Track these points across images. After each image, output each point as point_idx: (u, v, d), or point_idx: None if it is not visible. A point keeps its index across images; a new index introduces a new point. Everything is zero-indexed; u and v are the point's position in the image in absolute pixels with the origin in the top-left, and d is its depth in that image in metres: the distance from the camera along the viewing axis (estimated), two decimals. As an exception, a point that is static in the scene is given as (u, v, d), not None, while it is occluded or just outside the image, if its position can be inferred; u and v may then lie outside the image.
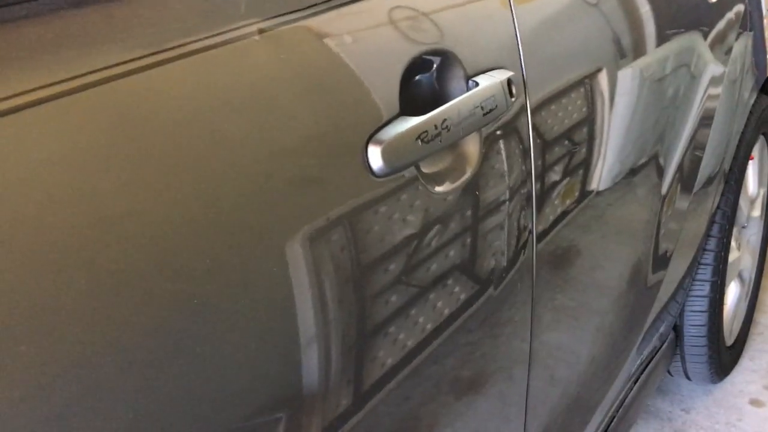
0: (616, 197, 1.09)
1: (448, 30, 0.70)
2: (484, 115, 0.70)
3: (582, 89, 0.94)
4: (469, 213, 0.71)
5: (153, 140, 0.45)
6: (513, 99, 0.75)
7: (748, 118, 1.70)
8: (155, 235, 0.44)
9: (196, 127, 0.48)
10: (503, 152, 0.76)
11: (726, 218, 1.61)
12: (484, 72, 0.74)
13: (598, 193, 1.02)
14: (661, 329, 1.49)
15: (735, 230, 1.76)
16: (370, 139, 0.59)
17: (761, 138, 1.85)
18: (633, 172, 1.13)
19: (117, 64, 0.45)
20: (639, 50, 1.12)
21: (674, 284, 1.46)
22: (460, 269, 0.72)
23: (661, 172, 1.26)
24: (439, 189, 0.67)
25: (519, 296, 0.84)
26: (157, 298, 0.44)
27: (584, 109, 0.95)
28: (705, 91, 1.41)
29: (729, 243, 1.65)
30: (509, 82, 0.75)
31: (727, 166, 1.58)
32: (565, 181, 0.91)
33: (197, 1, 0.51)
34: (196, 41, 0.49)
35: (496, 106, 0.72)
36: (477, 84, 0.71)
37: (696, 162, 1.43)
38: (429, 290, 0.67)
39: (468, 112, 0.68)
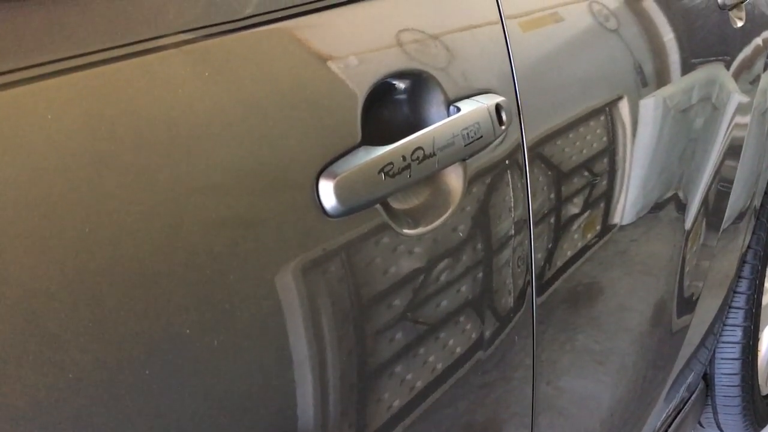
0: (630, 236, 0.99)
1: (425, 49, 0.62)
2: (467, 144, 0.61)
3: (592, 121, 0.85)
4: (449, 257, 0.62)
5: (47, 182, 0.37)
6: (503, 127, 0.66)
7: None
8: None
9: (96, 159, 0.40)
10: (493, 187, 0.67)
11: (758, 258, 1.49)
12: (469, 97, 0.65)
13: (609, 230, 0.92)
14: (690, 378, 1.37)
15: (768, 271, 1.64)
16: (321, 172, 0.51)
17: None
18: (650, 208, 1.03)
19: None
20: (658, 79, 1.03)
21: (703, 328, 1.34)
22: (439, 324, 0.62)
23: (683, 207, 1.15)
24: (410, 230, 0.58)
25: (518, 346, 0.74)
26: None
27: (594, 143, 0.86)
28: (731, 122, 1.30)
29: (762, 284, 1.53)
30: (498, 108, 0.66)
31: (758, 202, 1.47)
32: (569, 220, 0.81)
33: (120, 3, 0.43)
34: (100, 52, 0.41)
35: (481, 135, 0.63)
36: (459, 110, 0.62)
37: (723, 196, 1.32)
38: (399, 355, 0.58)
39: (445, 141, 0.59)
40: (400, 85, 0.60)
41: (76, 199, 0.39)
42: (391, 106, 0.60)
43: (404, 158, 0.55)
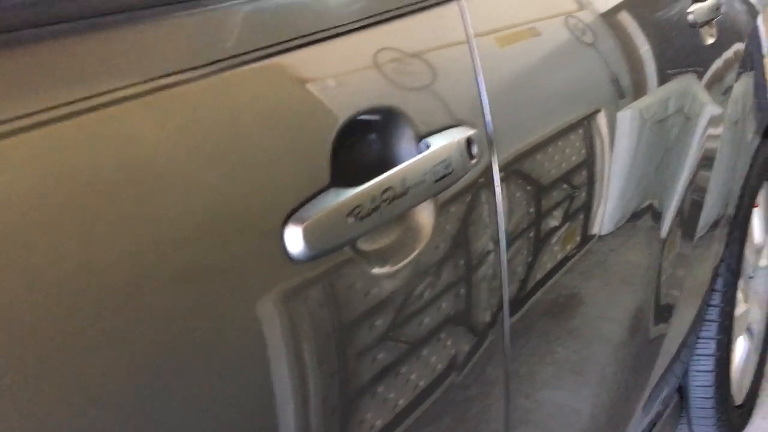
0: (608, 247, 0.99)
1: (394, 84, 0.61)
2: (437, 181, 0.61)
3: (566, 137, 0.85)
4: (420, 294, 0.61)
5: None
6: (474, 161, 0.66)
7: (752, 164, 1.60)
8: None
9: (52, 215, 0.38)
10: (465, 219, 0.66)
11: (731, 271, 1.50)
12: (440, 131, 0.64)
13: (587, 242, 0.92)
14: (666, 391, 1.38)
15: (741, 282, 1.65)
16: (288, 218, 0.50)
17: (766, 184, 1.74)
18: (627, 218, 1.03)
19: None
20: (634, 92, 1.03)
21: (679, 338, 1.35)
22: (413, 357, 0.62)
23: (658, 216, 1.16)
24: (380, 269, 0.57)
25: (491, 366, 0.73)
26: None
27: (568, 158, 0.85)
28: (704, 133, 1.31)
29: (735, 297, 1.54)
30: (469, 141, 0.65)
31: (731, 211, 1.48)
32: (544, 238, 0.81)
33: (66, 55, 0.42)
34: (54, 109, 0.40)
35: (452, 170, 0.62)
36: (429, 146, 0.61)
37: (697, 205, 1.33)
38: (375, 384, 0.57)
39: (416, 179, 0.58)
40: (370, 122, 0.59)
41: (27, 258, 0.37)
42: (361, 145, 0.59)
43: (374, 199, 0.54)
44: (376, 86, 0.59)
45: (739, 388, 1.72)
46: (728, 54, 1.47)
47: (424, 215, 0.61)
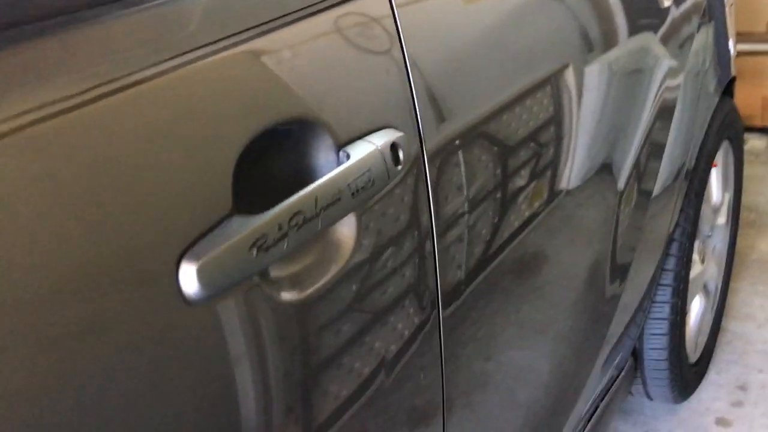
0: (569, 205, 0.96)
1: (307, 87, 0.56)
2: (356, 195, 0.57)
3: (513, 107, 0.81)
4: (342, 315, 0.58)
5: None
6: (400, 167, 0.62)
7: (710, 123, 1.58)
8: None
9: None
10: (391, 231, 0.63)
11: (686, 235, 1.49)
12: (365, 135, 0.60)
13: (526, 245, 0.89)
14: (622, 353, 1.38)
15: (698, 242, 1.64)
16: (183, 255, 0.46)
17: (725, 143, 1.72)
18: (580, 193, 1.01)
19: None
20: (581, 51, 0.99)
21: (637, 297, 1.34)
22: (341, 377, 0.59)
23: (615, 177, 1.13)
24: (291, 296, 0.54)
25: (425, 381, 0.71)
26: None
27: (515, 131, 0.82)
28: (661, 85, 1.28)
29: (689, 261, 1.54)
30: (394, 147, 0.61)
31: (690, 164, 1.46)
32: (480, 243, 0.78)
33: None
34: None
35: (373, 181, 0.59)
36: (348, 156, 0.57)
37: (657, 158, 1.30)
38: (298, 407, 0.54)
39: (330, 198, 0.55)
40: (280, 135, 0.54)
41: None
42: (271, 162, 0.54)
43: (280, 227, 0.50)
44: (285, 92, 0.54)
45: (694, 347, 1.73)
46: (688, 5, 1.42)
47: (343, 232, 0.58)
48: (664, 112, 1.32)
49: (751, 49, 2.95)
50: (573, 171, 0.98)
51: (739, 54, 3.04)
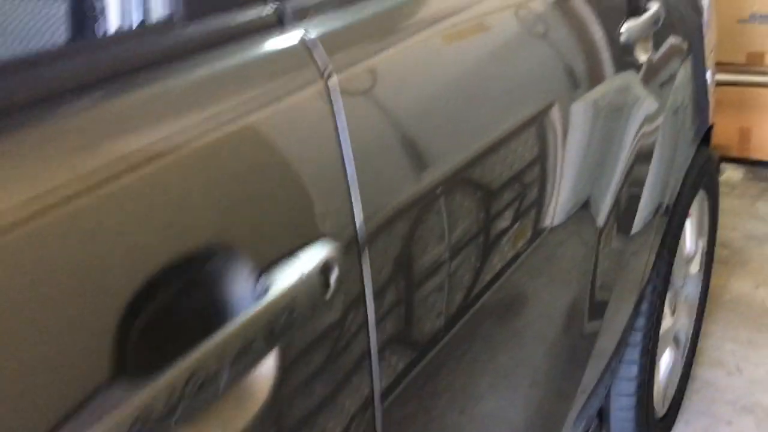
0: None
1: (215, 203, 0.48)
2: (274, 335, 0.49)
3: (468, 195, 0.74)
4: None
5: None
6: (330, 293, 0.54)
7: (687, 172, 1.52)
8: None
9: None
10: (319, 360, 0.55)
11: (657, 293, 1.43)
12: (289, 255, 0.52)
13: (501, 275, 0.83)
14: (591, 410, 1.32)
15: (670, 294, 1.58)
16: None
17: (700, 192, 1.67)
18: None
19: None
20: (562, 99, 0.92)
21: (613, 342, 1.28)
22: None
23: (594, 226, 1.06)
24: None
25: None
26: None
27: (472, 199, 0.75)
28: (642, 123, 1.22)
29: (660, 319, 1.48)
30: (325, 268, 0.53)
31: (670, 200, 1.42)
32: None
33: None
34: None
35: (295, 316, 0.51)
36: (266, 289, 0.49)
37: (636, 195, 1.24)
38: None
39: (240, 345, 0.46)
40: (178, 273, 0.46)
41: None
42: (168, 309, 0.46)
43: (170, 395, 0.42)
44: (184, 212, 0.46)
45: (662, 400, 1.67)
46: (672, 41, 1.36)
47: (257, 380, 0.50)
48: (643, 155, 1.26)
49: (731, 80, 2.91)
50: (545, 229, 0.93)
51: (719, 84, 3.00)
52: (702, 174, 1.61)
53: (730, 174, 3.06)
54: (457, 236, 0.72)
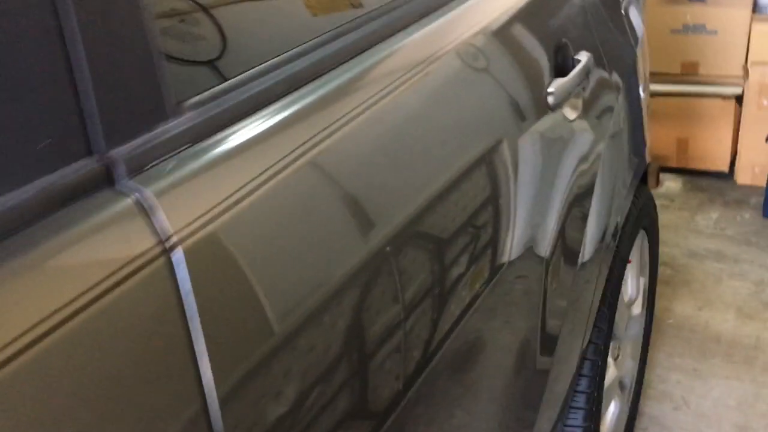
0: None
1: None
2: None
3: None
4: None
5: None
6: None
7: (626, 217, 1.43)
8: None
9: None
10: None
11: (599, 352, 1.34)
12: None
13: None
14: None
15: (612, 344, 1.50)
16: None
17: (641, 232, 1.59)
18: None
19: None
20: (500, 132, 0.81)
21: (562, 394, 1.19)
22: None
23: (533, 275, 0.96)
24: None
25: None
26: None
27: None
28: (581, 157, 1.13)
29: (603, 379, 1.39)
30: None
31: (620, 220, 1.34)
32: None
33: None
34: None
35: None
36: None
37: (581, 225, 1.15)
38: None
39: None
40: None
41: None
42: None
43: None
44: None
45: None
46: (601, 99, 1.27)
47: None
48: (581, 198, 1.17)
49: (666, 90, 2.87)
50: (488, 282, 0.86)
51: (654, 95, 2.95)
52: (642, 215, 1.53)
53: (670, 185, 3.03)
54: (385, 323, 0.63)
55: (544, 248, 1.03)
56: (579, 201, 1.16)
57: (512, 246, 0.93)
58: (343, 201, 0.62)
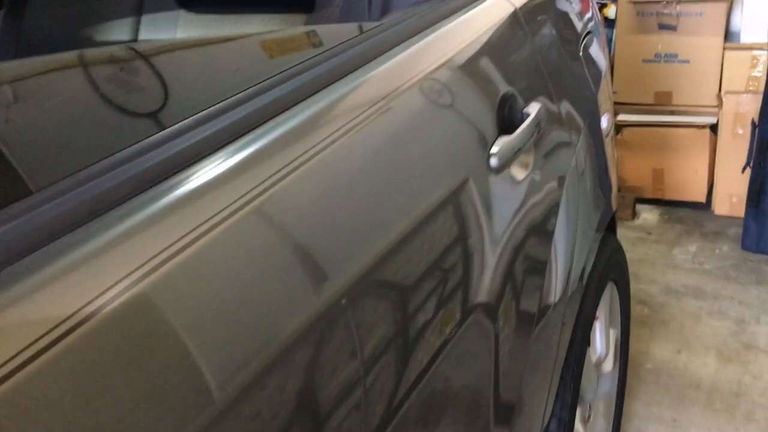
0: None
1: None
2: None
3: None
4: None
5: None
6: None
7: (595, 262, 1.32)
8: None
9: None
10: None
11: (563, 425, 1.22)
12: None
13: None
14: None
15: (580, 408, 1.38)
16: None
17: (609, 284, 1.47)
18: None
19: None
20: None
21: None
22: None
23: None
24: None
25: None
26: None
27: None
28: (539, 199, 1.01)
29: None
30: None
31: (589, 264, 1.23)
32: None
33: None
34: None
35: None
36: None
37: (542, 266, 1.04)
38: None
39: None
40: None
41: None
42: None
43: None
44: None
45: None
46: (558, 148, 1.16)
47: None
48: (543, 233, 1.06)
49: (640, 120, 2.78)
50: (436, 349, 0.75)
51: (628, 125, 2.85)
52: (610, 265, 1.42)
53: (646, 216, 2.93)
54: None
55: (491, 311, 0.91)
56: (532, 261, 1.05)
57: (458, 312, 0.82)
58: (286, 255, 0.59)
